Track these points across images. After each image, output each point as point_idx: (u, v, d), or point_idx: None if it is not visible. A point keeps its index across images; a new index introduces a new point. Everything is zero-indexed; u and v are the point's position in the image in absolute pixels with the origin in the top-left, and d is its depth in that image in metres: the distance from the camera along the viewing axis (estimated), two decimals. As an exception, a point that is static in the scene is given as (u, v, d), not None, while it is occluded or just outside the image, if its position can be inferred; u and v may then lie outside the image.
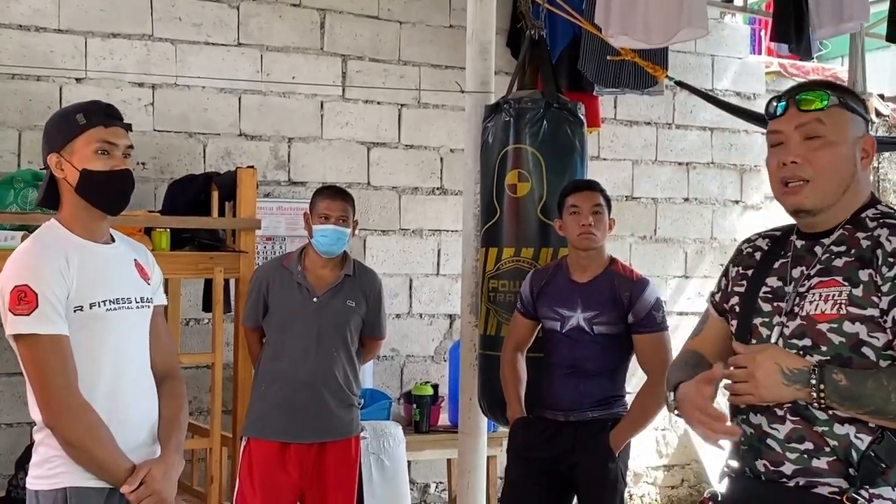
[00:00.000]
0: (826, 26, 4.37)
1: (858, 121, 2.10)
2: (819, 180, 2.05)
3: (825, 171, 2.05)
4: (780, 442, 2.03)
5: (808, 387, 1.94)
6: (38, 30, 5.01)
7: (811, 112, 2.06)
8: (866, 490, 1.94)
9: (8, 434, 4.88)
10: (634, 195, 6.53)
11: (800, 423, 2.00)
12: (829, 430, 1.98)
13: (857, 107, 2.10)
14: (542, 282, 3.73)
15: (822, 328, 2.00)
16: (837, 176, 2.06)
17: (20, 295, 2.35)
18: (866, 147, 2.09)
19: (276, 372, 3.93)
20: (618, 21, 4.08)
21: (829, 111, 2.06)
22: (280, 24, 5.53)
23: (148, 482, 2.43)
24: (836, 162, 2.05)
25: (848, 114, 2.08)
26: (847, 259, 2.02)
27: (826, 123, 2.05)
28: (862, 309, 1.97)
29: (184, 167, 5.26)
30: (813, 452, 1.99)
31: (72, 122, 2.48)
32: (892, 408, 1.90)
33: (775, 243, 2.21)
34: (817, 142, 2.06)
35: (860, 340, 1.97)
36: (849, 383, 1.92)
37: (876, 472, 1.94)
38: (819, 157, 2.05)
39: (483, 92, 4.29)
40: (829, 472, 1.98)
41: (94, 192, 2.48)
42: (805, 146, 2.06)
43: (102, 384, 2.44)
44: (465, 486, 4.27)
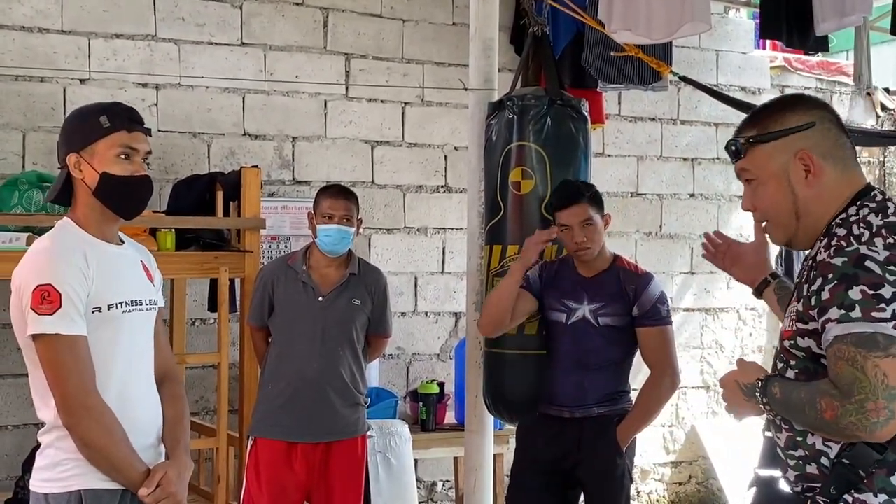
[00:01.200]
0: (829, 20, 4.35)
1: (785, 143, 2.05)
2: (771, 218, 2.13)
3: (769, 209, 2.11)
4: (783, 450, 2.08)
5: (757, 400, 2.05)
6: (41, 31, 5.01)
7: (737, 162, 2.13)
8: (851, 495, 1.94)
9: (14, 435, 4.88)
10: (639, 191, 6.51)
11: (791, 431, 2.05)
12: (803, 441, 2.03)
13: (782, 126, 2.06)
14: (551, 272, 3.74)
15: (787, 344, 2.06)
16: (781, 209, 2.09)
17: (43, 294, 2.34)
18: (805, 162, 2.04)
19: (282, 371, 3.94)
20: (620, 17, 4.07)
21: (748, 156, 2.10)
22: (283, 24, 5.53)
23: (164, 485, 2.44)
24: (771, 198, 2.09)
25: (765, 146, 2.07)
26: (805, 274, 2.07)
27: (749, 168, 2.11)
28: (804, 324, 2.00)
29: (188, 167, 5.26)
30: (805, 459, 2.03)
31: (95, 123, 2.47)
32: (808, 420, 1.94)
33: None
34: (753, 184, 2.12)
35: (814, 353, 1.99)
36: (781, 396, 2.00)
37: (852, 479, 1.93)
38: (757, 199, 2.12)
39: (486, 89, 4.28)
40: (819, 478, 2.00)
41: (113, 196, 2.48)
42: (750, 191, 2.14)
43: (114, 386, 2.44)
44: (471, 484, 4.26)
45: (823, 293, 1.92)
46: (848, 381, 1.85)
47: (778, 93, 6.95)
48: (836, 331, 1.88)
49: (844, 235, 1.96)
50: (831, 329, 1.89)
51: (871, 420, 1.83)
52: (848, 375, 1.85)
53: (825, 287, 1.92)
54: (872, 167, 7.43)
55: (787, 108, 2.10)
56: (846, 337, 1.86)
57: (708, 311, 6.72)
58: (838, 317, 1.88)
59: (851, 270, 1.89)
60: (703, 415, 6.70)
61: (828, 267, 1.93)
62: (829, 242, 1.98)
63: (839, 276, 1.90)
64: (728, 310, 6.72)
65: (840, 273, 1.90)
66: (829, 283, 1.91)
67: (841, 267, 1.91)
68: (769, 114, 2.11)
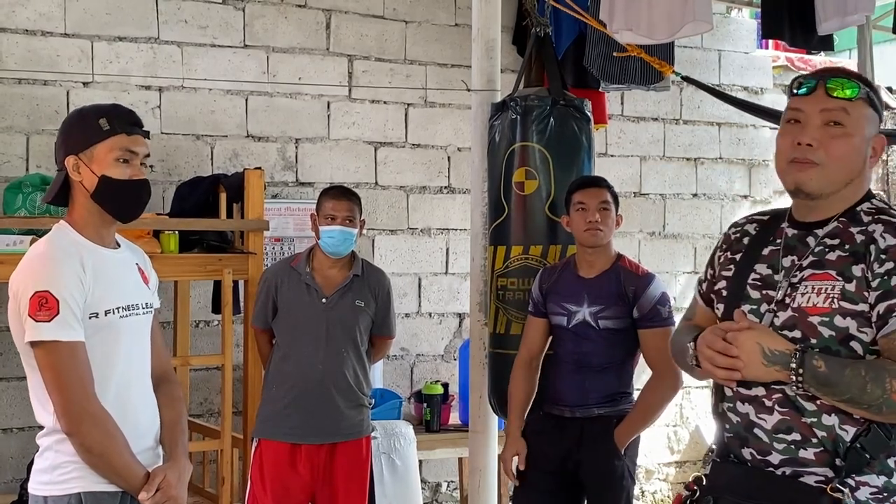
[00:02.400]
0: (831, 19, 4.35)
1: (876, 119, 2.10)
2: (829, 167, 2.05)
3: (837, 159, 2.05)
4: (768, 432, 2.04)
5: (787, 369, 1.97)
6: (45, 34, 5.02)
7: (839, 100, 2.05)
8: (852, 478, 1.97)
9: (19, 438, 4.89)
10: (643, 191, 6.52)
11: (788, 415, 2.02)
12: (818, 421, 2.00)
13: (879, 105, 2.11)
14: (551, 279, 3.74)
15: (814, 321, 2.01)
16: (847, 167, 2.06)
17: (41, 301, 2.33)
18: (876, 146, 2.10)
19: (286, 373, 3.94)
20: (622, 17, 4.07)
21: (855, 103, 2.05)
22: (286, 25, 5.53)
23: (164, 488, 2.44)
24: (850, 153, 2.06)
25: (870, 110, 2.08)
26: (840, 253, 2.03)
27: (850, 114, 2.05)
28: (853, 304, 1.98)
29: (191, 169, 5.27)
30: (800, 443, 2.01)
31: (94, 126, 2.46)
32: (868, 397, 1.92)
33: (763, 229, 2.21)
34: (837, 129, 2.05)
35: (849, 335, 1.99)
36: (827, 370, 1.94)
37: (861, 462, 1.97)
38: (835, 145, 2.05)
39: (489, 90, 4.28)
40: (816, 462, 2.00)
41: (111, 199, 2.48)
42: (824, 131, 2.05)
43: (112, 390, 2.44)
44: (476, 485, 4.27)
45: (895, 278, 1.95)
46: None
47: (780, 93, 6.94)
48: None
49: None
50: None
51: None
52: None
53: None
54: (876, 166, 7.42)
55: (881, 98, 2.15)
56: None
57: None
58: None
59: None
60: (707, 414, 6.68)
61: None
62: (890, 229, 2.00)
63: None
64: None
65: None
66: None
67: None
68: (872, 86, 2.12)
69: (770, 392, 2.03)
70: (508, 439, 3.71)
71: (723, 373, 2.04)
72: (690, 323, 2.35)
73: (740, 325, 2.03)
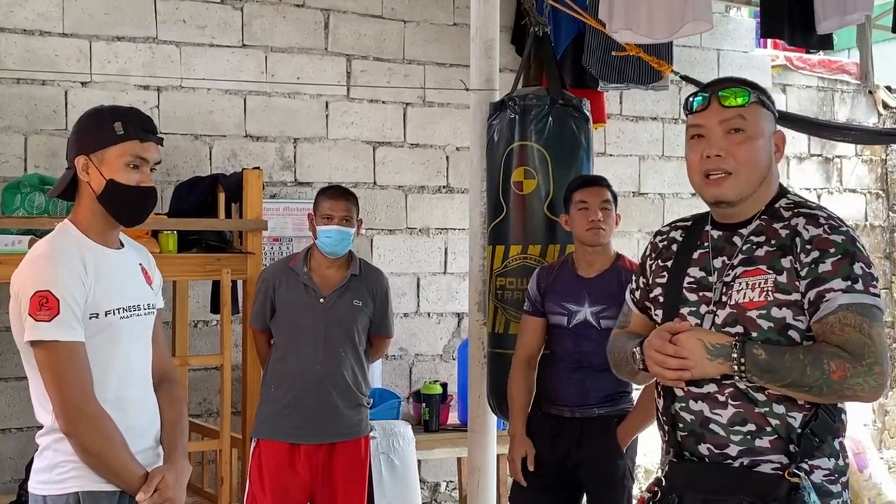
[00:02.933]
0: (830, 18, 4.35)
1: (771, 117, 2.21)
2: (741, 172, 2.16)
3: (747, 163, 2.16)
4: (724, 426, 2.12)
5: (729, 360, 2.06)
6: (43, 34, 5.02)
7: (733, 108, 2.16)
8: (806, 463, 2.07)
9: (18, 438, 4.89)
10: (641, 191, 6.52)
11: (742, 407, 2.11)
12: (770, 410, 2.09)
13: (771, 104, 2.23)
14: (549, 279, 3.73)
15: (752, 315, 2.10)
16: (757, 169, 2.17)
17: (42, 300, 2.34)
18: (777, 142, 2.22)
19: (285, 373, 3.93)
20: (621, 16, 4.06)
21: (749, 107, 2.17)
22: (284, 25, 5.53)
23: (162, 489, 2.44)
24: (756, 155, 2.16)
25: (764, 110, 2.19)
26: (768, 248, 2.14)
27: (747, 119, 2.16)
28: (787, 294, 2.09)
29: (190, 169, 5.26)
30: (756, 433, 2.10)
31: (109, 129, 2.46)
32: (808, 380, 2.01)
33: (689, 234, 2.31)
34: (739, 136, 2.16)
35: (787, 324, 2.09)
36: (768, 357, 2.04)
37: (813, 447, 2.08)
38: (741, 150, 2.15)
39: (488, 89, 4.28)
40: (772, 450, 2.09)
41: (117, 204, 2.48)
42: (727, 140, 2.16)
43: (111, 390, 2.44)
44: (475, 485, 4.27)
45: (823, 265, 2.05)
46: (858, 346, 2.01)
47: (780, 92, 6.97)
48: (842, 300, 2.03)
49: (828, 217, 2.12)
50: (836, 298, 2.03)
51: (879, 382, 2.01)
52: (857, 340, 2.01)
53: (825, 260, 2.06)
54: (875, 165, 7.43)
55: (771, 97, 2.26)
56: (852, 306, 2.02)
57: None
58: (844, 287, 2.03)
59: (851, 248, 2.07)
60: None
61: (827, 242, 2.07)
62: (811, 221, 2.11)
63: (842, 252, 2.06)
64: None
65: (842, 249, 2.06)
66: (830, 256, 2.06)
67: (841, 243, 2.07)
68: (761, 88, 2.24)
69: (722, 388, 2.11)
70: (515, 440, 3.70)
71: (673, 374, 2.12)
72: (626, 330, 2.43)
73: (681, 326, 2.13)
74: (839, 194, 7.31)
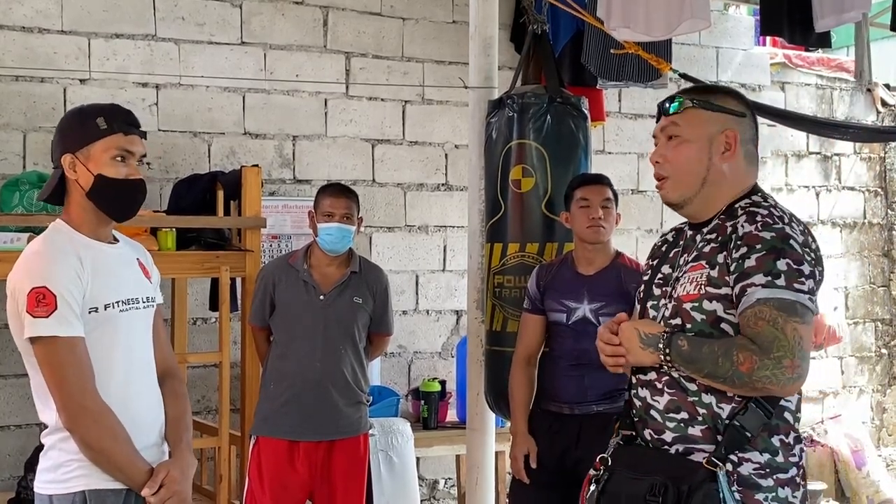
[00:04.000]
0: (827, 16, 4.35)
1: (720, 118, 2.27)
2: (675, 175, 2.28)
3: (678, 166, 2.27)
4: (661, 412, 2.22)
5: (657, 350, 2.18)
6: (41, 31, 5.02)
7: (669, 115, 2.30)
8: (736, 455, 2.12)
9: (17, 435, 4.89)
10: (640, 188, 6.52)
11: (676, 395, 2.20)
12: (699, 400, 2.16)
13: (723, 104, 2.28)
14: (549, 276, 3.73)
15: (687, 307, 2.20)
16: (691, 170, 2.26)
17: (39, 297, 2.34)
18: (728, 140, 2.25)
19: (284, 370, 3.94)
20: (619, 14, 4.06)
21: (683, 113, 2.28)
22: (283, 23, 5.53)
23: (168, 484, 2.44)
24: (687, 158, 2.26)
25: (706, 113, 2.27)
26: (713, 245, 2.21)
27: (680, 124, 2.28)
28: (717, 288, 2.16)
29: (188, 167, 5.26)
30: (688, 421, 2.18)
31: (91, 125, 2.47)
32: (720, 371, 2.08)
33: (677, 235, 2.41)
34: (674, 141, 2.29)
35: (718, 317, 2.16)
36: (689, 348, 2.14)
37: (741, 440, 2.12)
38: (674, 154, 2.28)
39: (486, 87, 4.28)
40: (703, 439, 2.16)
41: (107, 199, 2.48)
42: (667, 146, 2.30)
43: (114, 385, 2.44)
44: (473, 482, 4.27)
45: (749, 261, 2.11)
46: (768, 339, 2.05)
47: (779, 89, 6.98)
48: (760, 294, 2.07)
49: (768, 215, 2.16)
50: (755, 292, 2.08)
51: (787, 376, 2.04)
52: (768, 334, 2.05)
53: (751, 255, 2.11)
54: (873, 163, 7.43)
55: (729, 95, 2.34)
56: (770, 300, 2.07)
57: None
58: (764, 282, 2.08)
59: (780, 244, 2.11)
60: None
61: (755, 238, 2.12)
62: (750, 218, 2.16)
63: (768, 248, 2.10)
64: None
65: (769, 245, 2.11)
66: (756, 252, 2.11)
67: (770, 240, 2.11)
68: (713, 92, 2.36)
69: (660, 376, 2.22)
70: (517, 437, 3.71)
71: (611, 360, 2.29)
72: None
73: (621, 317, 2.30)
74: (837, 192, 7.31)
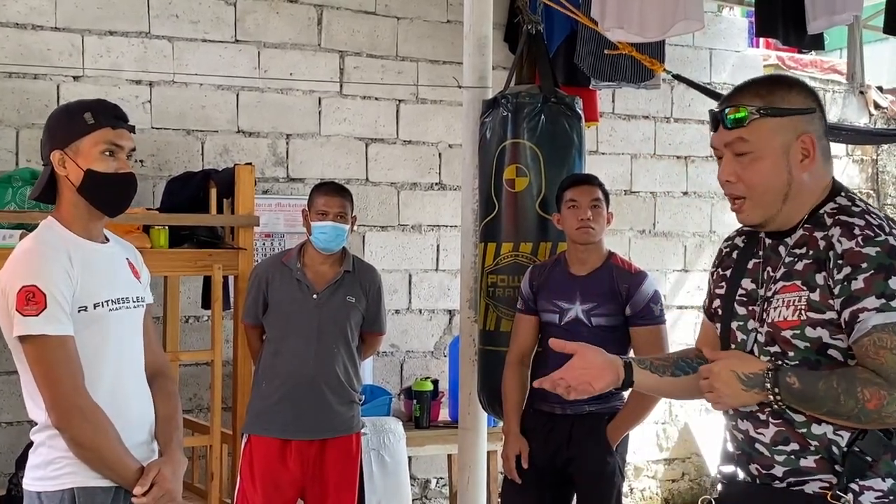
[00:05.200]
0: (820, 18, 4.36)
1: (791, 122, 2.01)
2: (754, 196, 2.04)
3: (757, 187, 2.03)
4: (768, 446, 2.03)
5: (764, 390, 1.95)
6: (35, 28, 5.00)
7: (734, 130, 2.02)
8: (857, 483, 1.94)
9: (8, 433, 4.88)
10: (633, 189, 6.53)
11: (783, 426, 2.01)
12: (808, 431, 1.98)
13: (791, 105, 2.02)
14: (542, 277, 3.74)
15: (787, 335, 1.99)
16: (771, 189, 2.03)
17: (28, 295, 2.33)
18: (805, 146, 2.01)
19: (277, 369, 3.94)
20: (613, 14, 4.07)
21: (750, 126, 2.01)
22: (277, 21, 5.52)
23: (159, 482, 2.43)
24: (765, 176, 2.02)
25: (772, 121, 2.00)
26: (807, 261, 2.00)
27: (749, 139, 2.01)
28: (821, 313, 1.95)
29: (182, 164, 5.26)
30: (799, 453, 1.99)
31: (79, 120, 2.46)
32: (843, 409, 1.89)
33: (750, 241, 2.19)
34: (746, 158, 2.03)
35: (825, 344, 1.96)
36: (801, 386, 1.92)
37: (862, 466, 1.94)
38: (749, 175, 2.03)
39: (481, 87, 4.28)
40: (817, 469, 1.97)
41: (98, 193, 2.47)
42: (736, 163, 2.04)
43: (104, 384, 2.44)
44: (465, 482, 4.27)
45: (856, 282, 1.90)
46: (894, 371, 1.85)
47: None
48: (875, 320, 1.87)
49: (865, 225, 1.94)
50: (869, 318, 1.87)
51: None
52: (893, 365, 1.85)
53: (858, 276, 1.90)
54: (865, 165, 7.45)
55: (792, 88, 2.05)
56: (888, 326, 1.86)
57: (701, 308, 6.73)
58: (878, 305, 1.87)
59: (887, 261, 1.89)
60: (697, 412, 6.71)
61: (859, 256, 1.91)
62: (846, 231, 1.94)
63: (875, 266, 1.89)
64: (721, 307, 6.72)
65: (876, 262, 1.89)
66: (862, 272, 1.89)
67: (876, 256, 1.90)
68: (774, 89, 2.04)
69: (763, 406, 2.01)
70: (509, 437, 3.71)
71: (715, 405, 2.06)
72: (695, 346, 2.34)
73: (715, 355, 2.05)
74: (830, 194, 7.32)
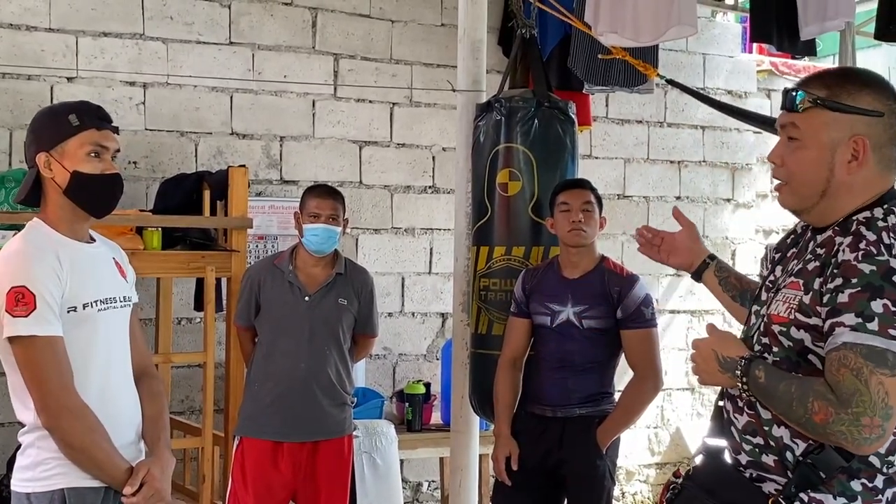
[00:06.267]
0: (812, 24, 4.38)
1: (848, 120, 1.94)
2: (792, 183, 2.02)
3: (795, 174, 2.01)
4: (739, 432, 2.05)
5: (734, 377, 1.99)
6: (29, 29, 5.00)
7: (790, 114, 2.00)
8: (807, 494, 1.91)
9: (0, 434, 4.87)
10: (626, 194, 6.54)
11: (753, 418, 2.01)
12: (770, 430, 1.98)
13: (854, 102, 1.94)
14: (534, 280, 3.75)
15: (776, 330, 1.99)
16: (808, 181, 1.99)
17: (17, 296, 2.33)
18: (856, 148, 1.94)
19: (269, 371, 3.94)
20: (607, 19, 4.08)
21: (805, 113, 1.97)
22: (271, 23, 5.53)
23: (149, 482, 2.44)
24: (805, 167, 1.99)
25: (827, 114, 1.95)
26: (815, 264, 1.97)
27: (800, 126, 1.98)
28: (807, 317, 1.93)
29: (175, 166, 5.26)
30: (763, 448, 1.99)
31: (64, 122, 2.47)
32: (793, 415, 1.88)
33: (804, 232, 2.15)
34: (793, 144, 2.00)
35: (806, 348, 1.94)
36: (765, 381, 1.93)
37: (812, 479, 1.91)
38: (791, 160, 2.01)
39: (474, 91, 4.29)
40: (774, 469, 1.97)
41: (84, 195, 2.48)
42: (786, 147, 2.02)
43: (93, 384, 2.44)
44: (457, 485, 4.27)
45: (842, 296, 1.85)
46: (848, 391, 1.80)
47: (764, 97, 6.99)
48: (847, 337, 1.83)
49: (874, 241, 1.88)
50: (842, 334, 1.83)
51: (864, 435, 1.80)
52: (849, 385, 1.80)
53: (845, 290, 1.85)
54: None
55: (866, 87, 1.97)
56: (857, 346, 1.81)
57: (693, 312, 6.75)
58: (854, 324, 1.82)
59: (879, 282, 1.83)
60: (688, 416, 6.73)
61: (853, 270, 1.86)
62: (854, 242, 1.89)
63: (864, 284, 1.84)
64: (713, 311, 6.74)
65: (866, 281, 1.84)
66: (850, 286, 1.85)
67: (868, 275, 1.84)
68: (845, 82, 1.98)
69: (742, 392, 2.01)
70: (500, 440, 3.72)
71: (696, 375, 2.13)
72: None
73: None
74: (822, 199, 7.34)
